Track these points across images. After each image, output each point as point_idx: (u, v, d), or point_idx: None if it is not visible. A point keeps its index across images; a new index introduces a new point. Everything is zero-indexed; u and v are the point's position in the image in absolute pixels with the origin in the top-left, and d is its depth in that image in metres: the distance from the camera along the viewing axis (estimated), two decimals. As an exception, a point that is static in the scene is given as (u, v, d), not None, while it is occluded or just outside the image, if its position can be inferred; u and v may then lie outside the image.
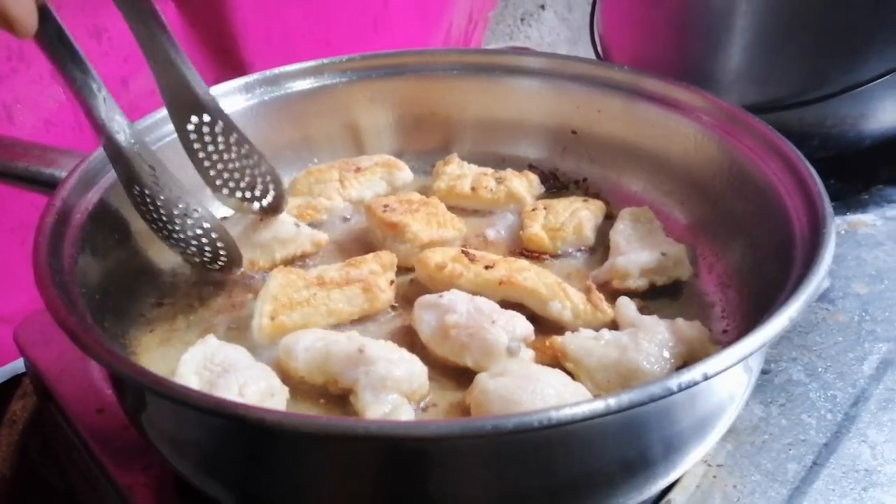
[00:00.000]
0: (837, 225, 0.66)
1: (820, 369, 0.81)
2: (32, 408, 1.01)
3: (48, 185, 0.76)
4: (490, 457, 0.53)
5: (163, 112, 0.86)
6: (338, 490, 0.55)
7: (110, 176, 0.78)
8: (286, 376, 0.70)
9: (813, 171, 0.73)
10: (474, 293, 0.77)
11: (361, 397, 0.66)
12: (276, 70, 0.96)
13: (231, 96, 0.93)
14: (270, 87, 0.96)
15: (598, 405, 0.46)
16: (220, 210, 0.88)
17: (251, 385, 0.66)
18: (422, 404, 0.70)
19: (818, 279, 0.58)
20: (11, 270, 1.04)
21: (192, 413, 0.53)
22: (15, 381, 1.02)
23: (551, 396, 0.63)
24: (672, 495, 0.68)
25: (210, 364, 0.69)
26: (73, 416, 0.77)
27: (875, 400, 0.78)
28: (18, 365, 1.01)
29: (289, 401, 0.69)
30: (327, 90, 0.99)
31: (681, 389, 0.49)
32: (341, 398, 0.70)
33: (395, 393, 0.67)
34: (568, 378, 0.67)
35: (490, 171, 0.98)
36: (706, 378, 0.50)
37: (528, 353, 0.73)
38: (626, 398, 0.47)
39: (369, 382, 0.67)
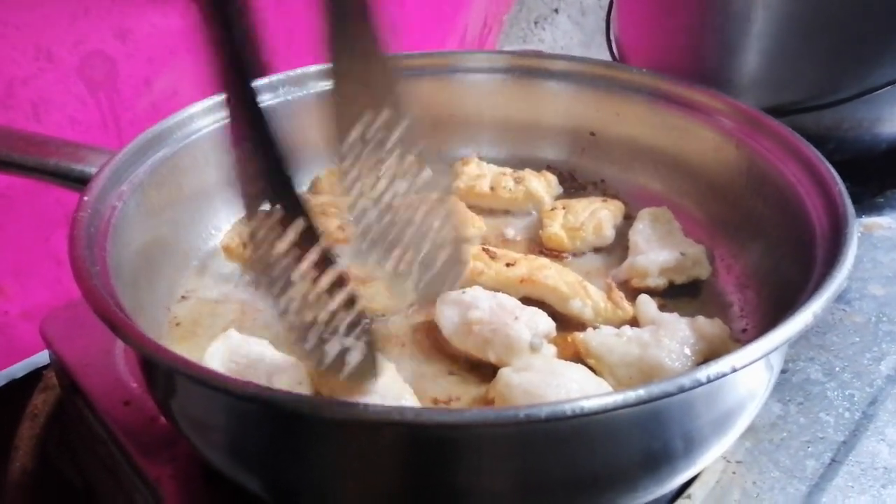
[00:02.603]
0: (854, 227, 0.68)
1: (837, 369, 0.82)
2: (54, 401, 1.02)
3: (78, 182, 0.77)
4: (517, 447, 0.54)
5: (189, 111, 0.88)
6: (366, 476, 0.56)
7: (140, 172, 0.79)
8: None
9: (833, 171, 0.74)
10: (495, 290, 0.78)
11: None
12: (300, 70, 0.97)
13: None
14: (294, 87, 0.97)
15: (630, 395, 0.47)
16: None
17: (279, 374, 0.67)
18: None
19: (842, 276, 0.59)
20: (34, 267, 1.06)
21: (229, 401, 0.54)
22: (36, 374, 1.03)
23: (574, 391, 0.64)
24: (692, 490, 0.69)
25: (235, 357, 0.70)
26: (100, 408, 0.78)
27: (893, 399, 0.78)
28: (39, 359, 1.03)
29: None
30: (349, 90, 1.00)
31: (710, 381, 0.49)
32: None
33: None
34: (590, 373, 0.68)
35: (509, 171, 1.00)
36: (734, 370, 0.50)
37: (551, 349, 0.73)
38: (656, 388, 0.48)
39: None
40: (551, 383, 0.64)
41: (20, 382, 1.03)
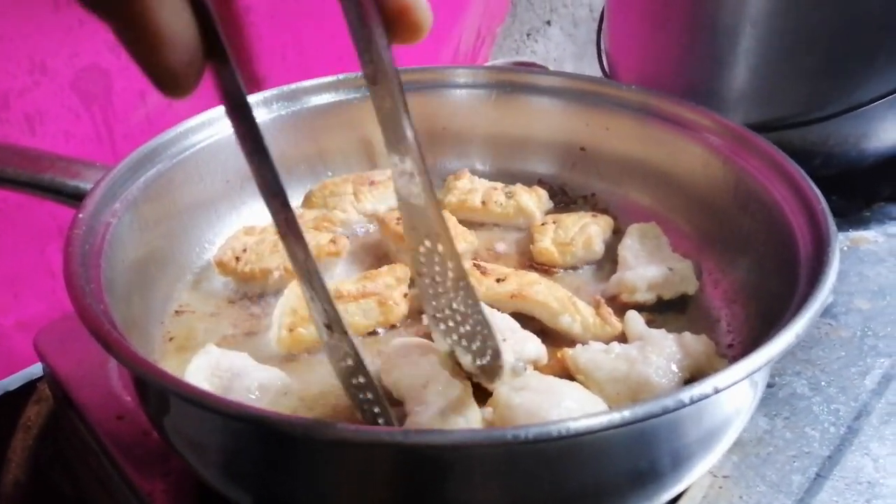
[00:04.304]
0: (840, 241, 0.69)
1: (823, 383, 0.83)
2: (47, 413, 1.03)
3: (72, 197, 0.78)
4: (506, 467, 0.55)
5: (184, 126, 0.88)
6: (358, 495, 0.57)
7: (134, 188, 0.80)
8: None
9: (817, 190, 0.75)
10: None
11: None
12: (294, 85, 0.98)
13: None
14: (288, 102, 0.98)
15: (615, 416, 0.48)
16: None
17: (266, 385, 0.69)
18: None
19: (822, 297, 0.60)
20: (29, 279, 1.06)
21: (223, 420, 0.54)
22: (30, 386, 1.04)
23: (576, 411, 0.65)
24: (679, 505, 0.70)
25: (217, 371, 0.71)
26: (94, 422, 0.78)
27: (877, 414, 0.80)
28: (33, 371, 1.03)
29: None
30: (343, 105, 1.01)
31: (693, 402, 0.50)
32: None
33: None
34: (587, 391, 0.69)
35: (500, 185, 1.01)
36: (717, 391, 0.51)
37: (534, 376, 0.74)
38: (640, 410, 0.49)
39: None
40: (552, 403, 0.65)
41: (14, 394, 1.03)
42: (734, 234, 0.86)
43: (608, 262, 0.92)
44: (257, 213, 0.97)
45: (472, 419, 0.66)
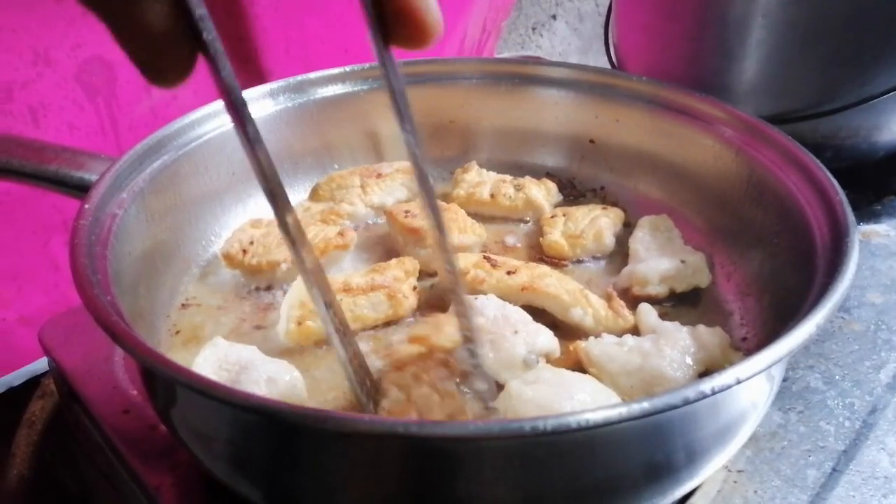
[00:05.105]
0: (852, 235, 0.69)
1: (837, 377, 0.82)
2: (51, 408, 1.02)
3: (77, 189, 0.77)
4: (521, 459, 0.54)
5: (189, 117, 0.88)
6: (369, 488, 0.56)
7: (140, 179, 0.79)
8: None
9: (833, 180, 0.74)
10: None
11: None
12: (300, 77, 0.97)
13: (257, 102, 0.95)
14: (294, 94, 0.97)
15: (634, 408, 0.47)
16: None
17: (274, 378, 0.68)
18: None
19: (844, 287, 0.59)
20: (32, 273, 1.05)
21: (233, 412, 0.53)
22: (34, 381, 1.03)
23: (588, 404, 0.64)
24: (694, 500, 0.69)
25: (225, 364, 0.70)
26: (99, 416, 0.77)
27: (892, 408, 0.78)
28: (38, 366, 1.02)
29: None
30: (349, 97, 1.00)
31: (714, 393, 0.49)
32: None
33: None
34: (600, 384, 0.68)
35: (508, 178, 1.00)
36: (739, 382, 0.50)
37: (546, 369, 0.73)
38: (660, 401, 0.48)
39: None
40: (564, 396, 0.64)
41: (18, 390, 1.03)
42: (747, 227, 0.85)
43: (619, 255, 0.91)
44: (263, 205, 0.95)
45: None
